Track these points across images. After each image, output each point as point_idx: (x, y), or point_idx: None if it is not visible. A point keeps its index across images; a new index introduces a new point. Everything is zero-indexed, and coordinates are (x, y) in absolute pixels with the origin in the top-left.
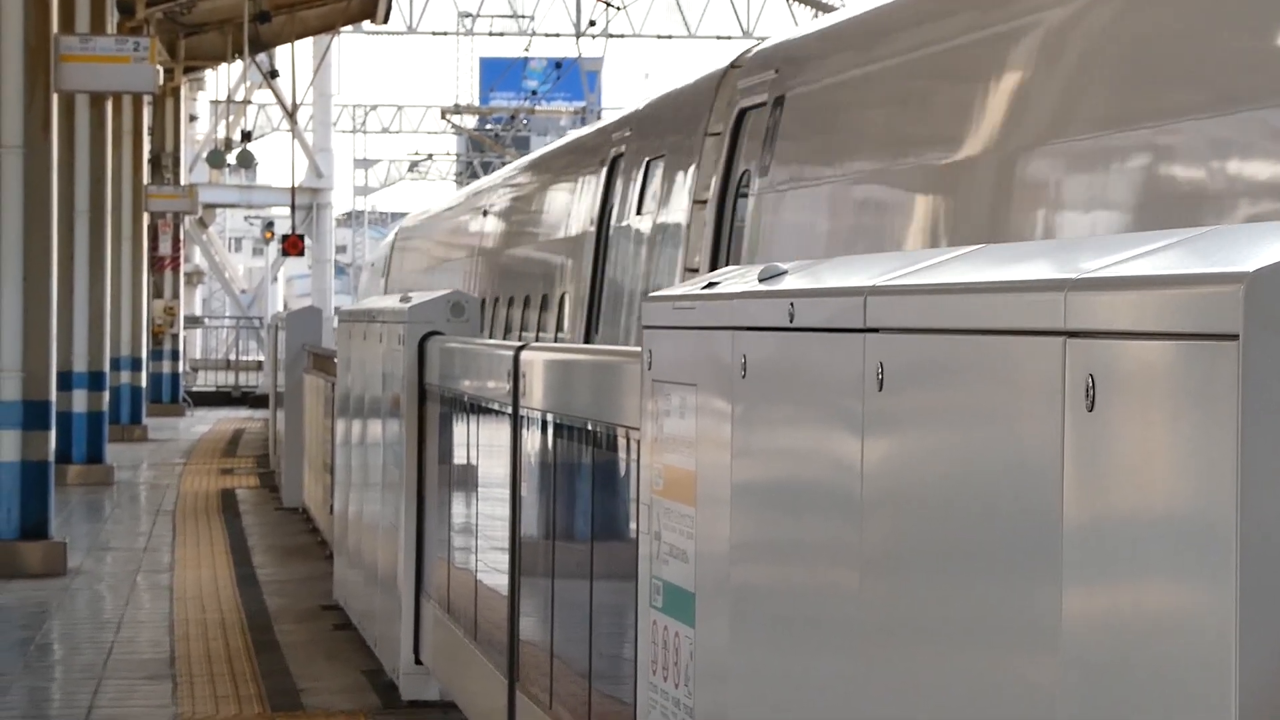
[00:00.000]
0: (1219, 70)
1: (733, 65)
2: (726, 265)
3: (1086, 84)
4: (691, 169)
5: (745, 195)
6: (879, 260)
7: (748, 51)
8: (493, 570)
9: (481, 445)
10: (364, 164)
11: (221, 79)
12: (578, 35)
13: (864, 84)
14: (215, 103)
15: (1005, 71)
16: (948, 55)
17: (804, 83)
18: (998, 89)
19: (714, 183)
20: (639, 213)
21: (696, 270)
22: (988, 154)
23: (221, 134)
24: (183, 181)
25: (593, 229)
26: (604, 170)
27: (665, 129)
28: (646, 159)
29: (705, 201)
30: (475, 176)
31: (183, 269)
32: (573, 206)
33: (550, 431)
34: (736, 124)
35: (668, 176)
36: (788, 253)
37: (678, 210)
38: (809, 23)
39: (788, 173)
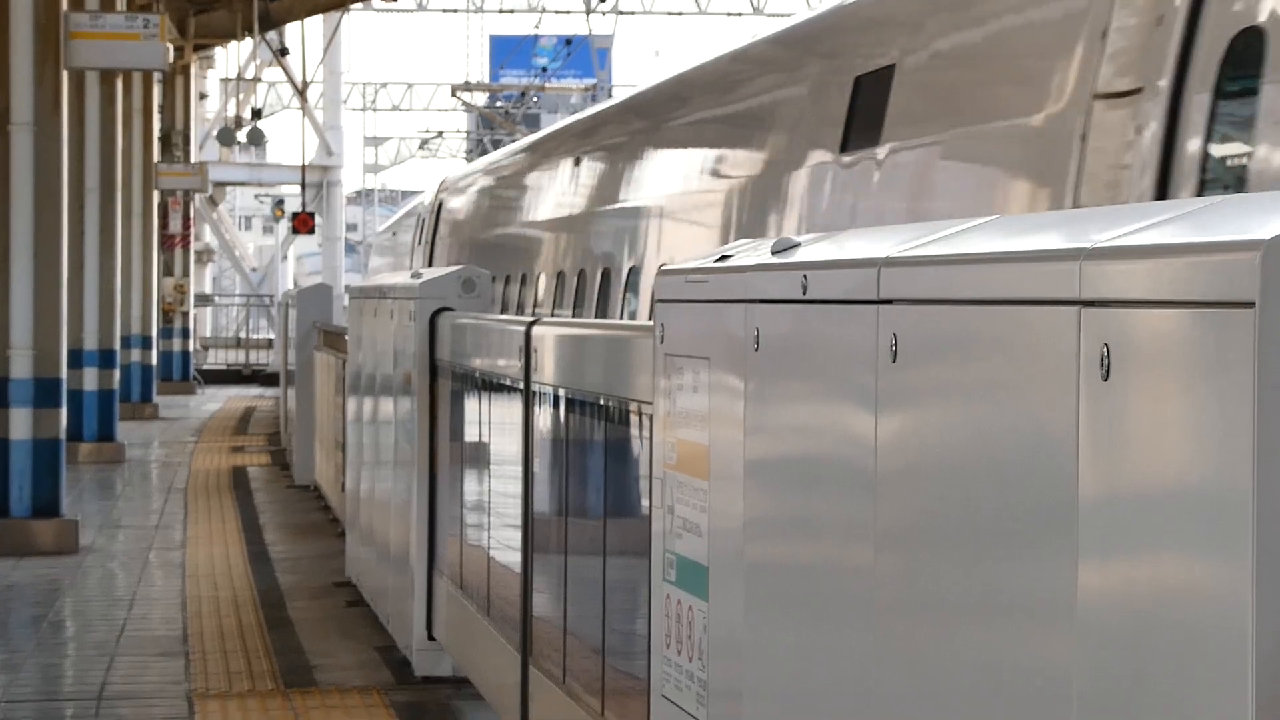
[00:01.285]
0: None
1: None
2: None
3: None
4: None
5: None
6: (893, 232)
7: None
8: (505, 546)
9: (493, 421)
10: (374, 141)
11: (231, 57)
12: (588, 12)
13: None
14: (225, 80)
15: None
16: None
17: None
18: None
19: None
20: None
21: None
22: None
23: (231, 112)
24: (193, 159)
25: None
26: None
27: None
28: None
29: None
30: (485, 154)
31: (193, 247)
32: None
33: (562, 407)
34: None
35: None
36: None
37: None
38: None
39: None
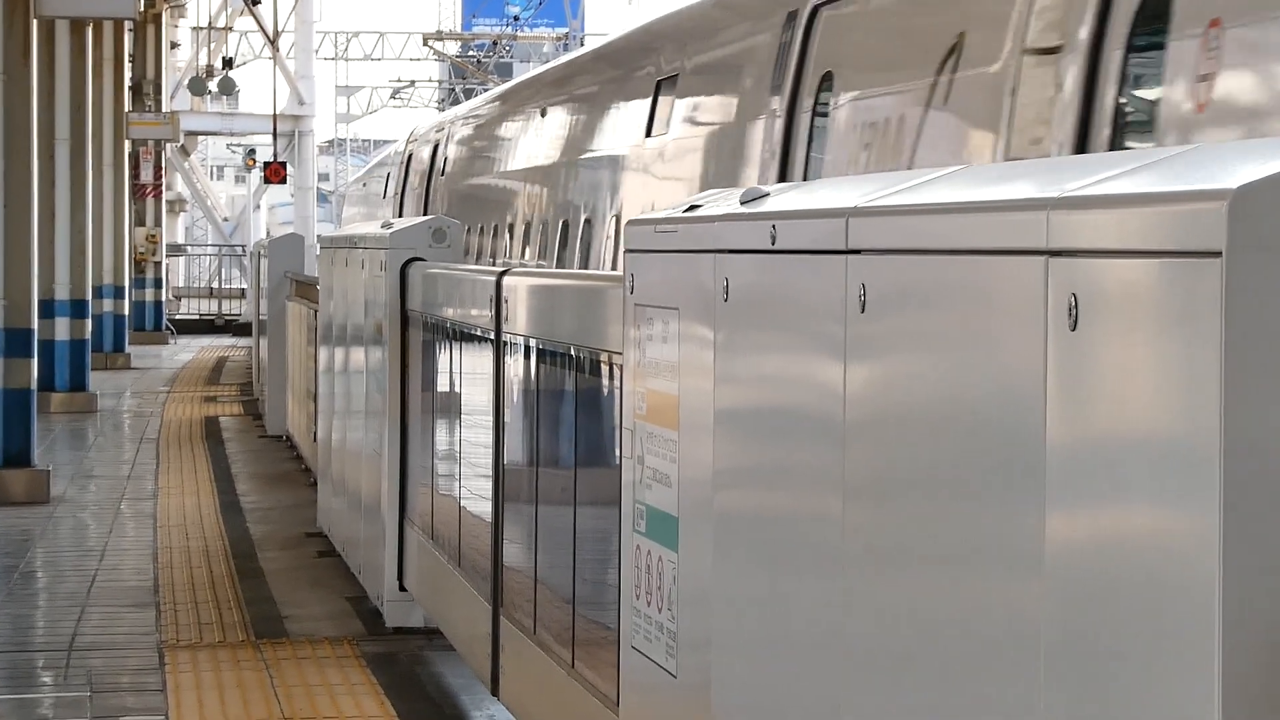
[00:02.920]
0: None
1: None
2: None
3: None
4: None
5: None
6: (861, 181)
7: None
8: (476, 496)
9: (464, 372)
10: (346, 91)
11: (203, 5)
12: None
13: None
14: (197, 29)
15: None
16: None
17: None
18: None
19: None
20: None
21: None
22: None
23: (203, 61)
24: (164, 109)
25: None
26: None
27: None
28: None
29: None
30: (457, 103)
31: (165, 197)
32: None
33: (533, 357)
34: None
35: None
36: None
37: None
38: None
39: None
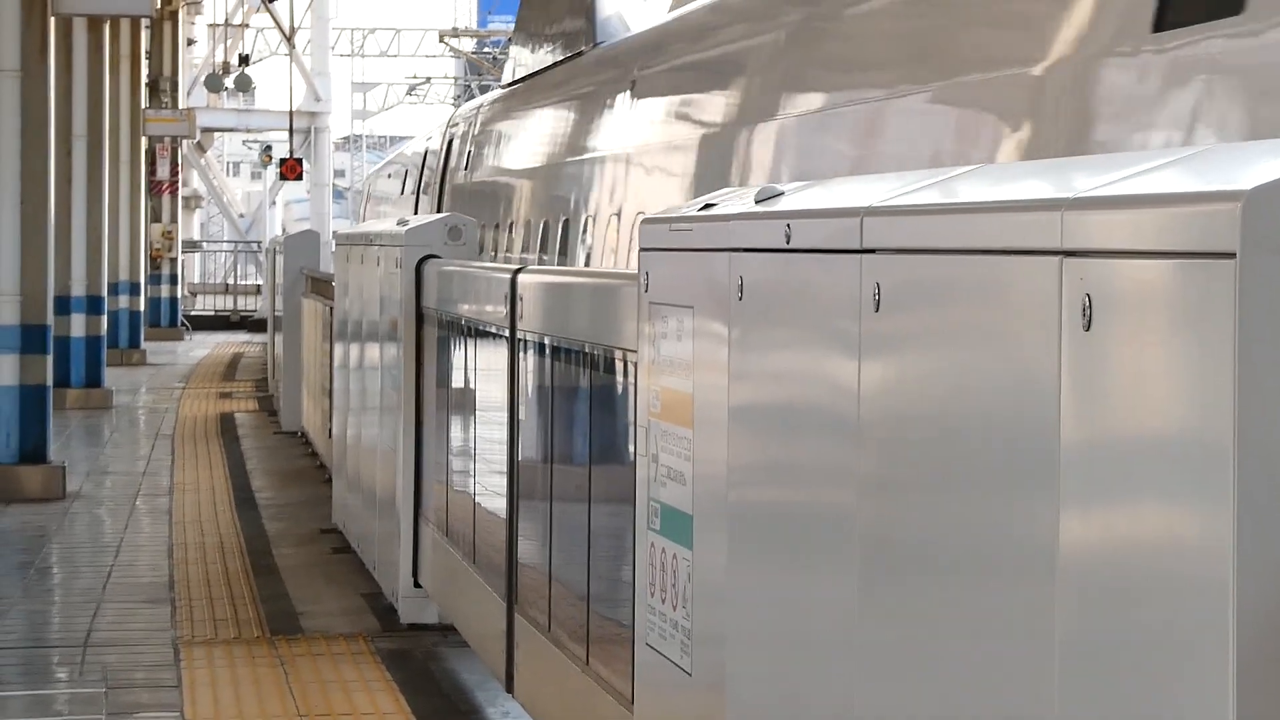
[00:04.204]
0: None
1: None
2: None
3: None
4: None
5: None
6: (877, 181)
7: None
8: (491, 493)
9: (479, 369)
10: (362, 87)
11: (219, 2)
12: None
13: None
14: (213, 26)
15: None
16: None
17: None
18: None
19: None
20: None
21: None
22: None
23: (219, 58)
24: (181, 105)
25: None
26: None
27: None
28: None
29: None
30: (472, 99)
31: (181, 193)
32: None
33: (548, 354)
34: None
35: None
36: None
37: None
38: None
39: None
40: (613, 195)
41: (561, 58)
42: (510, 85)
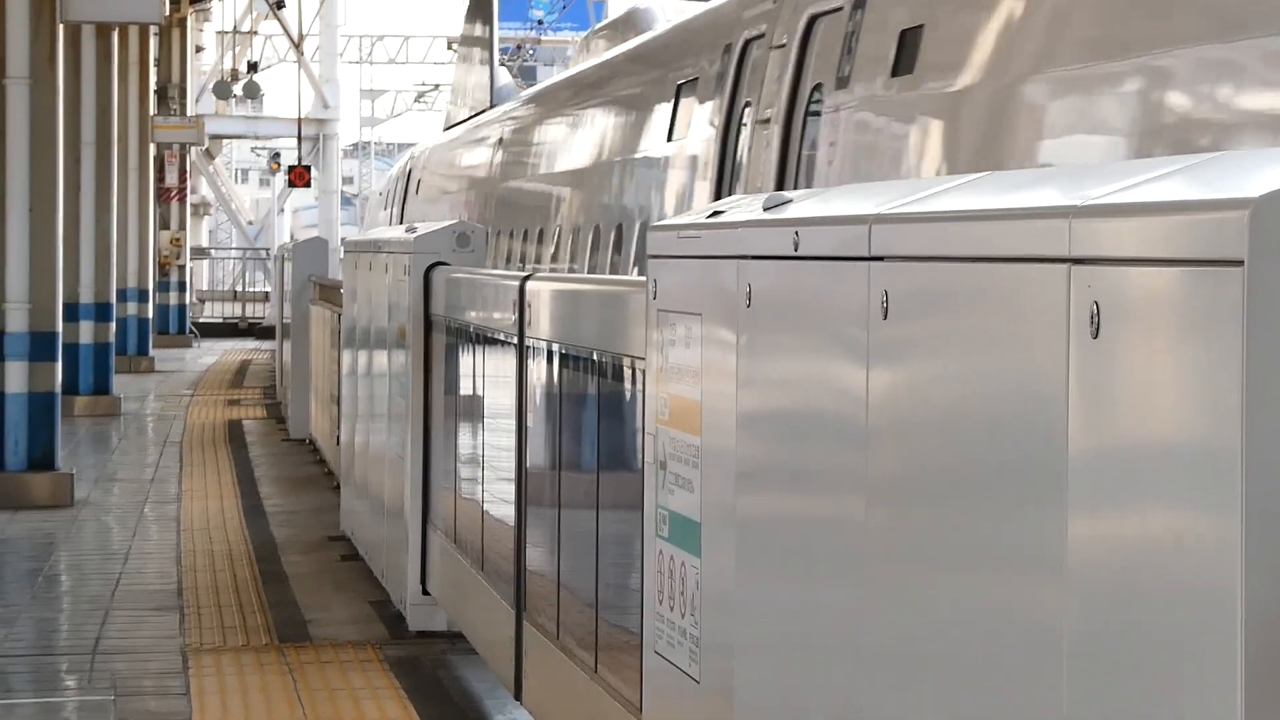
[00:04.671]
0: None
1: None
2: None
3: None
4: None
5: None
6: (884, 188)
7: None
8: (499, 501)
9: (487, 376)
10: (370, 95)
11: (228, 10)
12: None
13: None
14: (222, 33)
15: None
16: None
17: None
18: None
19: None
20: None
21: None
22: None
23: (228, 65)
24: (189, 113)
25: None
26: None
27: None
28: None
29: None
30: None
31: (189, 200)
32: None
33: (556, 362)
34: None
35: None
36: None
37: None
38: None
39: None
40: (481, 216)
41: (471, 114)
42: (446, 129)
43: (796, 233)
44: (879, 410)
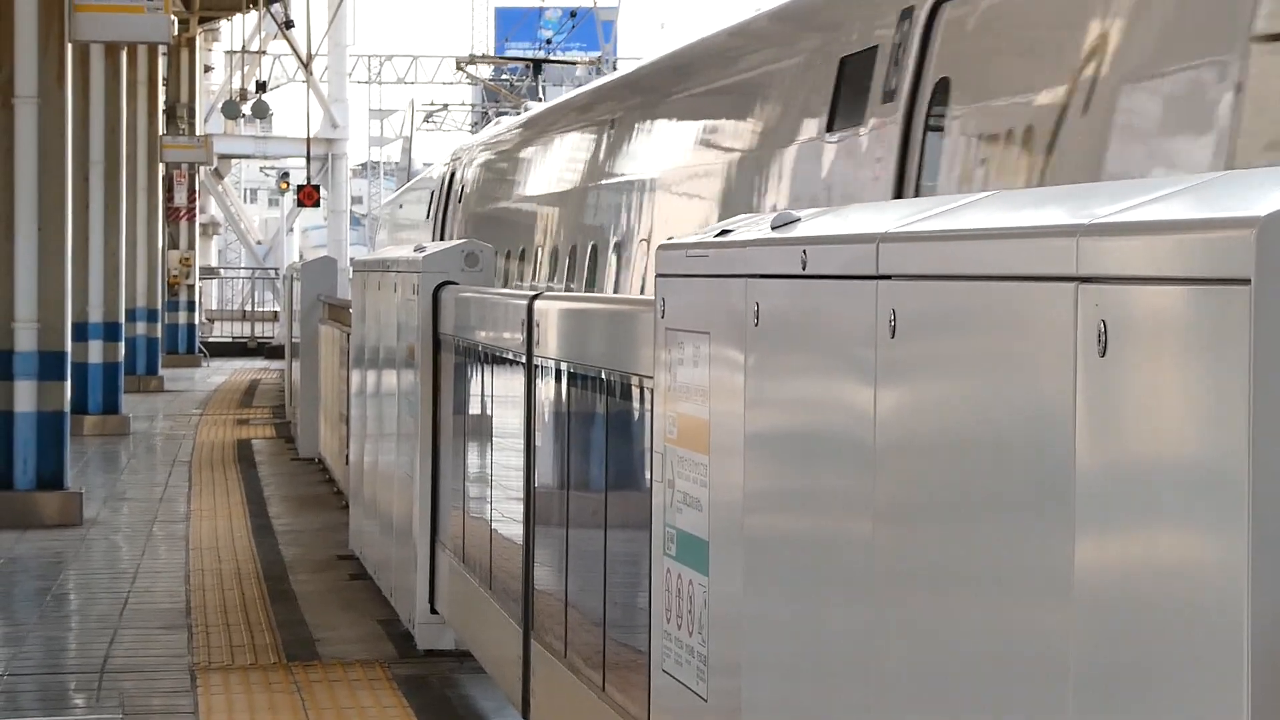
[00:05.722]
0: None
1: None
2: None
3: None
4: None
5: None
6: (892, 207)
7: None
8: (507, 520)
9: (496, 395)
10: (379, 114)
11: (236, 29)
12: None
13: None
14: (230, 53)
15: None
16: None
17: None
18: None
19: None
20: None
21: None
22: None
23: (237, 84)
24: (198, 132)
25: None
26: None
27: None
28: None
29: None
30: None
31: (198, 220)
32: None
33: (564, 380)
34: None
35: None
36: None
37: None
38: None
39: None
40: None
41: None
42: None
43: (804, 251)
44: (887, 429)
